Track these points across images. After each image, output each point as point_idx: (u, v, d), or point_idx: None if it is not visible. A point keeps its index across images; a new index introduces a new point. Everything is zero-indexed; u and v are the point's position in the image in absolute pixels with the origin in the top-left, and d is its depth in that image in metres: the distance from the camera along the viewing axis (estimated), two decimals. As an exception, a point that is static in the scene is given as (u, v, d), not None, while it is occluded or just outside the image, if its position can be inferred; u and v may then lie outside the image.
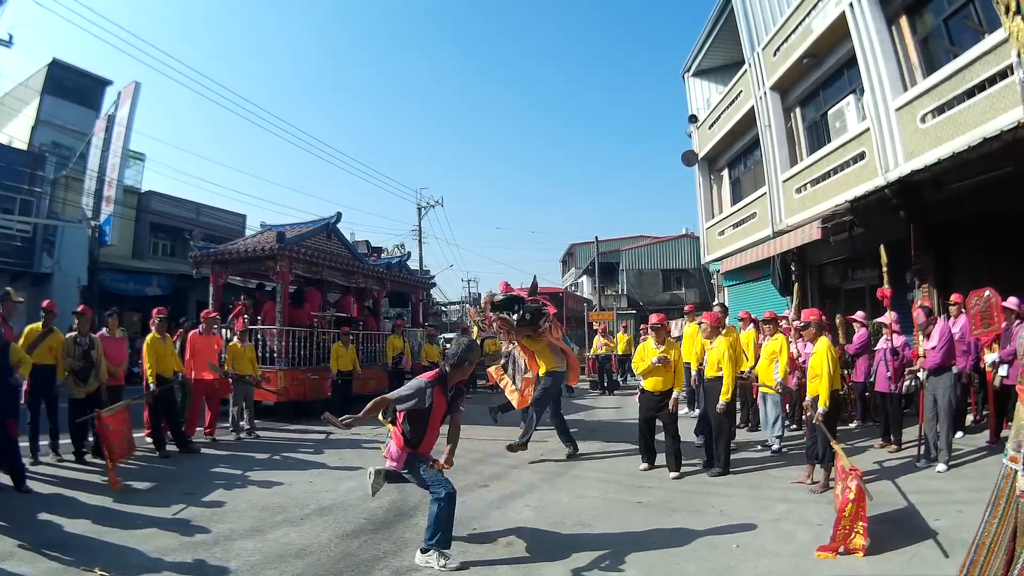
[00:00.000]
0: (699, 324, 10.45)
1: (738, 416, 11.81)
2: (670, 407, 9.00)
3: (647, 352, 9.27)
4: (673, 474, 8.74)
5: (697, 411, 14.11)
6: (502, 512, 7.25)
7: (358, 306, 20.08)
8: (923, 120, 12.52)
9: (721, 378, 8.95)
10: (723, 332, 9.87)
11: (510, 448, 10.10)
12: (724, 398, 8.81)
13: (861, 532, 5.51)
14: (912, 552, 5.51)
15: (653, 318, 9.49)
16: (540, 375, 10.80)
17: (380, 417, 6.08)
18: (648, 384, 9.27)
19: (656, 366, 9.02)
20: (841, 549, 5.51)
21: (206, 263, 16.69)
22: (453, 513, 5.73)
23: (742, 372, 12.80)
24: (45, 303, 9.95)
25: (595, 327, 24.70)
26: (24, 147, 29.03)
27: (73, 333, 9.75)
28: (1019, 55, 4.08)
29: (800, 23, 17.02)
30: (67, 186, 28.54)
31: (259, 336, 15.19)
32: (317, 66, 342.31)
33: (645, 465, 9.30)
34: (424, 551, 5.54)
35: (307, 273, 16.53)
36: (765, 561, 5.47)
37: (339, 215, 18.46)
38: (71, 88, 31.81)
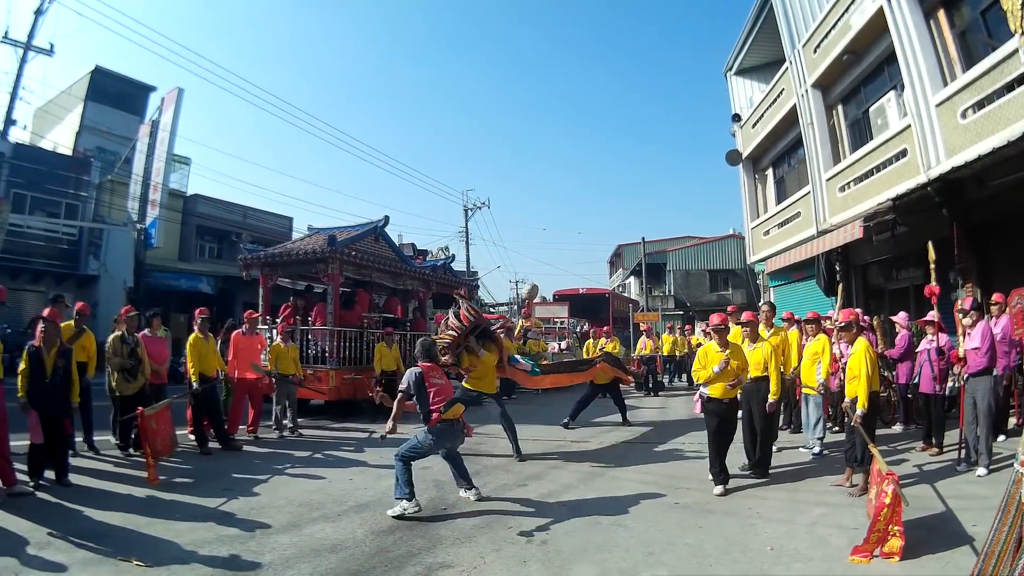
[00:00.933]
0: (741, 326, 10.10)
1: (780, 418, 11.69)
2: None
3: (709, 357, 8.34)
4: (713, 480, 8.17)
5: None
6: (538, 511, 7.27)
7: (402, 308, 20.18)
8: (963, 115, 12.38)
9: (764, 378, 8.80)
10: (771, 332, 9.88)
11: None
12: (773, 397, 8.67)
13: (897, 535, 5.43)
14: (947, 558, 5.42)
15: (715, 318, 8.70)
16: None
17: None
18: (715, 391, 8.23)
19: (719, 374, 8.09)
20: (877, 552, 5.43)
21: (255, 265, 17.07)
22: None
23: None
24: (78, 305, 10.29)
25: (641, 328, 24.60)
26: (69, 152, 29.76)
27: (119, 333, 10.01)
28: None
29: (839, 19, 16.93)
30: (112, 190, 29.09)
31: (310, 336, 15.52)
32: (360, 73, 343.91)
33: (720, 489, 7.94)
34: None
35: (356, 275, 16.84)
36: (798, 565, 5.43)
37: (387, 218, 18.85)
38: (114, 94, 32.37)
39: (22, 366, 7.79)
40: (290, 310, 16.16)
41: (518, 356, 12.02)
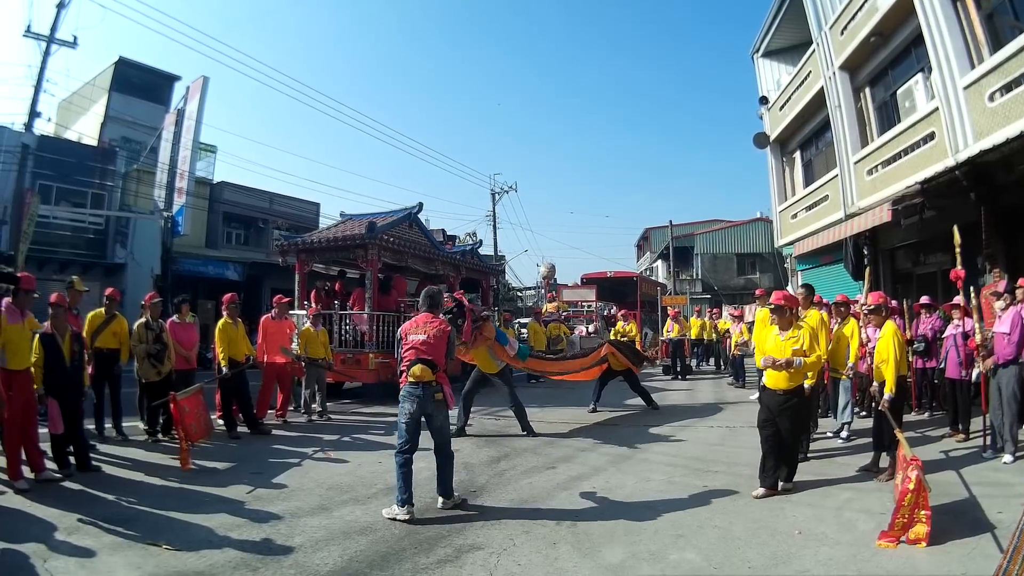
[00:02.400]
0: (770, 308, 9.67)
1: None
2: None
3: (766, 343, 7.67)
4: (783, 484, 7.23)
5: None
6: (568, 493, 7.33)
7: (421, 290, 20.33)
8: (991, 99, 12.22)
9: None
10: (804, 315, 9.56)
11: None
12: (809, 383, 8.14)
13: (924, 520, 5.41)
14: (972, 545, 5.41)
15: (777, 296, 7.69)
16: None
17: None
18: (769, 380, 7.46)
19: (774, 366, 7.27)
20: (903, 538, 5.42)
21: (292, 252, 17.50)
22: None
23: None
24: (108, 291, 10.39)
25: (669, 311, 24.56)
26: (94, 143, 30.09)
27: (143, 319, 10.08)
28: None
29: (865, 0, 16.78)
30: (138, 179, 29.37)
31: (348, 321, 16.13)
32: (387, 58, 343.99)
33: (761, 491, 7.11)
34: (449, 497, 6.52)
35: (393, 261, 17.14)
36: (825, 549, 5.44)
37: (420, 205, 19.16)
38: (139, 85, 32.80)
39: (34, 358, 7.64)
40: (315, 294, 16.62)
41: (507, 335, 11.91)
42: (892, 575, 4.93)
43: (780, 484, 7.24)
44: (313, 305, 15.16)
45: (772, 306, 7.73)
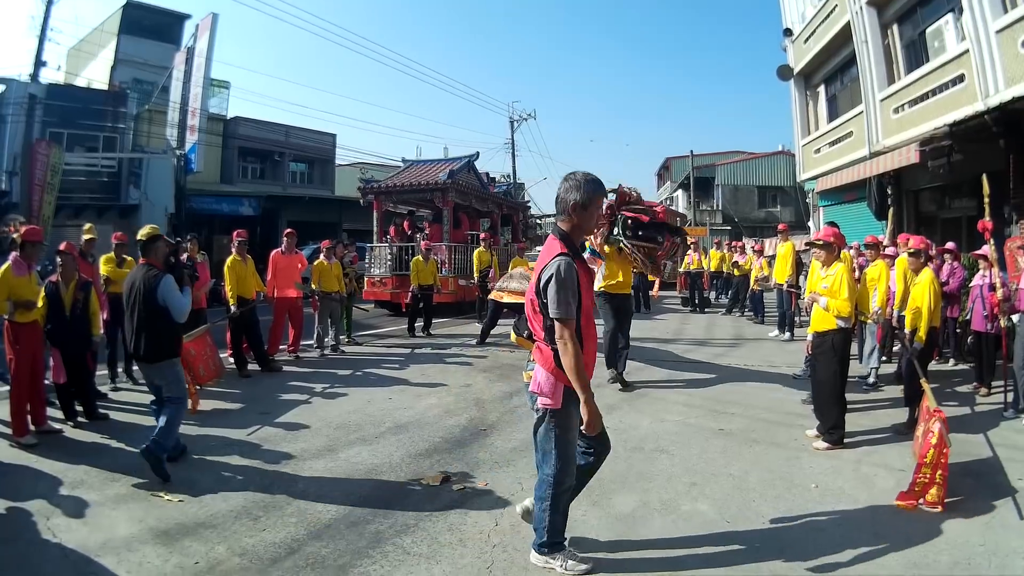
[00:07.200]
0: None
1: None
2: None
3: (812, 278, 7.62)
4: (811, 432, 7.06)
5: (788, 335, 13.98)
6: (580, 434, 7.24)
7: (478, 226, 23.81)
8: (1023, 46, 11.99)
9: None
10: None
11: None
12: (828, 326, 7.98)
13: (940, 483, 5.13)
14: (993, 514, 5.14)
15: (824, 231, 7.68)
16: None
17: None
18: (812, 320, 7.30)
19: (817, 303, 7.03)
20: (921, 500, 5.19)
21: (371, 192, 21.03)
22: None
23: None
24: (115, 236, 10.04)
25: (689, 242, 24.33)
26: (104, 87, 30.47)
27: None
28: None
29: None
30: (151, 119, 29.47)
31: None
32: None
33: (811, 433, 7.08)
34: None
35: (459, 201, 20.56)
36: (842, 507, 5.24)
37: (477, 153, 23.30)
38: (148, 26, 33.10)
39: (38, 305, 7.46)
40: (393, 229, 20.16)
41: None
42: (910, 541, 4.69)
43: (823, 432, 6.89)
44: (393, 239, 19.70)
45: (821, 242, 7.30)
